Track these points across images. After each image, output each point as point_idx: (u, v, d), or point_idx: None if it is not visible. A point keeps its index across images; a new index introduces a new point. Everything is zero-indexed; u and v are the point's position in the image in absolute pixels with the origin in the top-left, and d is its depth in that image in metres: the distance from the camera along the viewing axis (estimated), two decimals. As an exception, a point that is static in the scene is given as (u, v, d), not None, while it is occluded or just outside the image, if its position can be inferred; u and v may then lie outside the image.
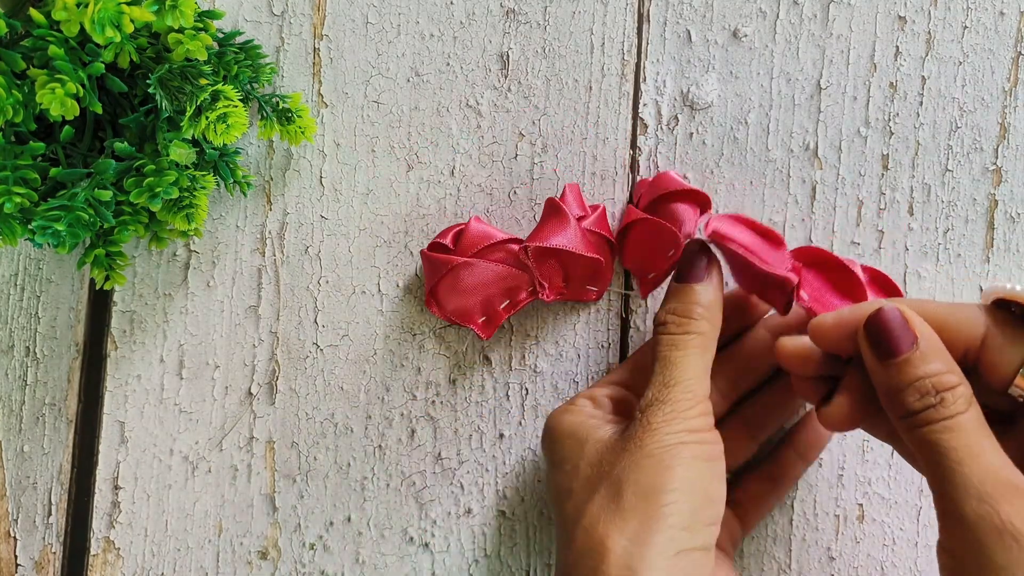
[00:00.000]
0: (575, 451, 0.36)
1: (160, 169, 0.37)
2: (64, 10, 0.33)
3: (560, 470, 0.36)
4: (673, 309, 0.36)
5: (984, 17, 0.42)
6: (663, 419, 0.34)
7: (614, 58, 0.43)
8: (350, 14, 0.44)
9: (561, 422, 0.37)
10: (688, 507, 0.32)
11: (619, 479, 0.33)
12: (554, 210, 0.40)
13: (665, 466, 0.32)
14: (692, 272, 0.37)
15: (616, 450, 0.34)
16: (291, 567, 0.43)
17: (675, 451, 0.33)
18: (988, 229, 0.42)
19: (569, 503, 0.34)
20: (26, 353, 0.44)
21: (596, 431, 0.36)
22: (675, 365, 0.35)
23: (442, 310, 0.41)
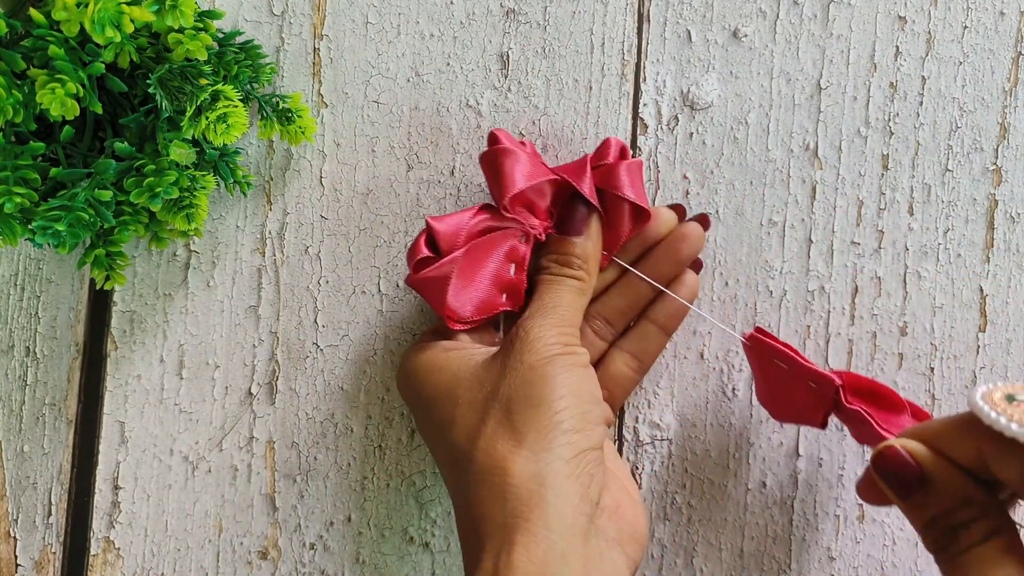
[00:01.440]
0: (448, 381, 0.36)
1: (160, 169, 0.37)
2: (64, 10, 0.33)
3: (435, 404, 0.36)
4: (554, 258, 0.38)
5: (984, 17, 0.42)
6: (539, 332, 0.35)
7: (614, 58, 0.43)
8: (350, 14, 0.44)
9: (422, 359, 0.37)
10: (577, 411, 0.34)
11: (507, 396, 0.34)
12: (500, 155, 0.38)
13: (548, 376, 0.34)
14: (573, 226, 0.38)
15: (494, 370, 0.35)
16: (291, 567, 0.43)
17: (555, 361, 0.34)
18: (988, 229, 0.42)
19: (455, 430, 0.35)
20: (26, 353, 0.44)
21: (467, 360, 0.36)
22: (552, 294, 0.37)
23: (464, 320, 0.39)
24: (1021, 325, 0.42)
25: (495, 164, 0.38)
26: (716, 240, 0.43)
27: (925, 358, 0.42)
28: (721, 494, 0.42)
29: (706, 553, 0.42)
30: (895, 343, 0.42)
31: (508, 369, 0.35)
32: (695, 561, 0.42)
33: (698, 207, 0.43)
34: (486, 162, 0.39)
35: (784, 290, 0.42)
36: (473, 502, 0.33)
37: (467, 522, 0.34)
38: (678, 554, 0.42)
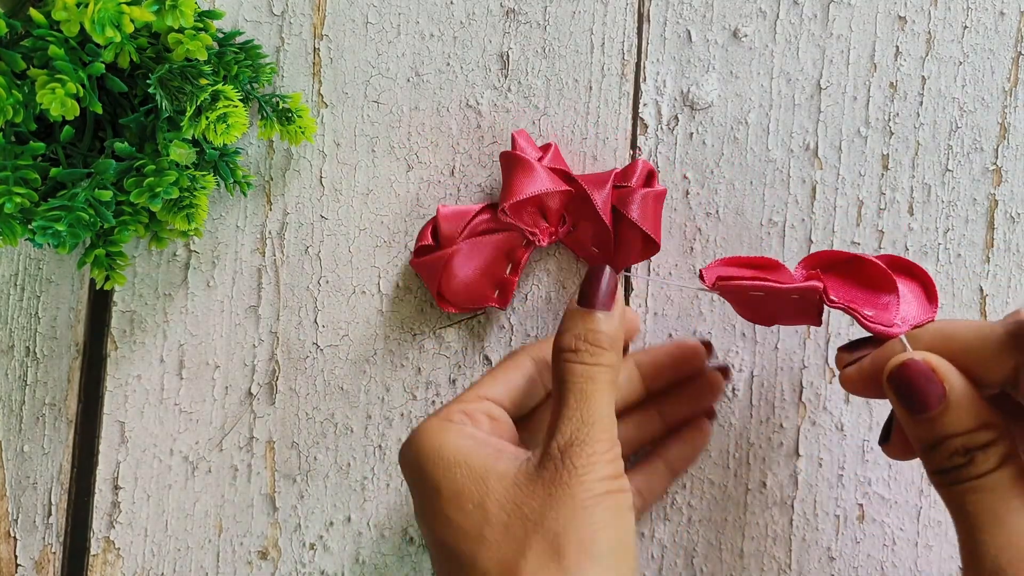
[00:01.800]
0: (474, 484, 0.32)
1: (160, 169, 0.37)
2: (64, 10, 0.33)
3: (456, 507, 0.32)
4: (584, 336, 0.34)
5: (984, 17, 0.42)
6: (586, 463, 0.32)
7: (614, 58, 0.43)
8: (350, 14, 0.44)
9: (445, 444, 0.33)
10: (624, 566, 0.31)
11: (555, 533, 0.31)
12: (513, 161, 0.40)
13: (600, 521, 0.31)
14: (600, 299, 0.34)
15: (537, 494, 0.31)
16: (291, 567, 0.43)
17: (605, 502, 0.31)
18: (988, 229, 0.42)
19: (485, 551, 0.31)
20: (26, 353, 0.44)
21: (495, 463, 0.33)
22: (591, 400, 0.33)
23: (455, 305, 0.41)
24: (1021, 325, 0.42)
25: (505, 168, 0.40)
26: (716, 240, 0.43)
27: (925, 358, 0.42)
28: (721, 494, 0.42)
29: (706, 553, 0.42)
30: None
31: (555, 500, 0.31)
32: (695, 561, 0.42)
33: (698, 207, 0.43)
34: (502, 163, 0.41)
35: (784, 290, 0.42)
36: None
37: None
38: (678, 554, 0.42)
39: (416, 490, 0.34)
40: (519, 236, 0.41)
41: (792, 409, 0.42)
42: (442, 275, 0.40)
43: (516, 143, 0.40)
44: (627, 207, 0.40)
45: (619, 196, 0.40)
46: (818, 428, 0.42)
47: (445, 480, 0.33)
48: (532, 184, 0.39)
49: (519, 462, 0.33)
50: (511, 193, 0.39)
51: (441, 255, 0.40)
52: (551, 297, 0.43)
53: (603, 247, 0.41)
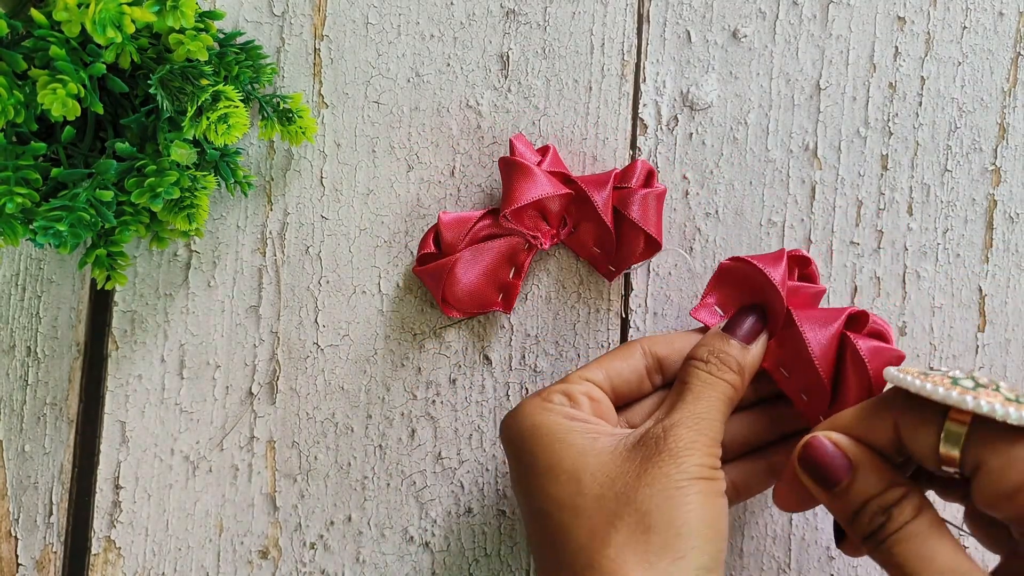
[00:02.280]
0: (571, 459, 0.34)
1: (161, 169, 0.37)
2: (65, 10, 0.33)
3: (552, 479, 0.34)
4: (716, 352, 0.36)
5: (983, 18, 0.43)
6: (687, 446, 0.33)
7: (614, 58, 0.43)
8: (350, 15, 0.44)
9: (543, 422, 0.35)
10: (712, 548, 0.32)
11: (645, 510, 0.32)
12: (512, 167, 0.40)
13: (692, 503, 0.32)
14: (743, 331, 0.37)
15: (631, 470, 0.33)
16: (292, 566, 0.43)
17: (699, 486, 0.32)
18: (987, 229, 0.42)
19: (578, 521, 0.32)
20: (27, 353, 0.44)
21: (594, 440, 0.34)
22: (706, 400, 0.35)
23: (460, 310, 0.42)
24: (1020, 325, 0.42)
25: (505, 174, 0.40)
26: (716, 240, 0.43)
27: (924, 358, 0.42)
28: (721, 494, 0.42)
29: (706, 552, 0.42)
30: (894, 343, 0.42)
31: (649, 477, 0.32)
32: (695, 560, 0.42)
33: (698, 207, 0.43)
34: (501, 169, 0.41)
35: (783, 290, 0.42)
36: None
37: None
38: (678, 553, 0.42)
39: (514, 463, 0.36)
40: (521, 240, 0.41)
41: None
42: (446, 282, 0.41)
43: (514, 148, 0.41)
44: (628, 207, 0.40)
45: (619, 197, 0.40)
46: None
47: (544, 454, 0.34)
48: (532, 189, 0.39)
49: (617, 439, 0.34)
50: (512, 199, 0.39)
51: (444, 263, 0.40)
52: (551, 297, 0.43)
53: (605, 247, 0.41)
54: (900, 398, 0.32)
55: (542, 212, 0.41)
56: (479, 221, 0.41)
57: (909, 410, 0.31)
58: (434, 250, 0.41)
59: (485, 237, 0.41)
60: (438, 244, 0.41)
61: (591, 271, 0.43)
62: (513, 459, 0.36)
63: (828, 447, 0.32)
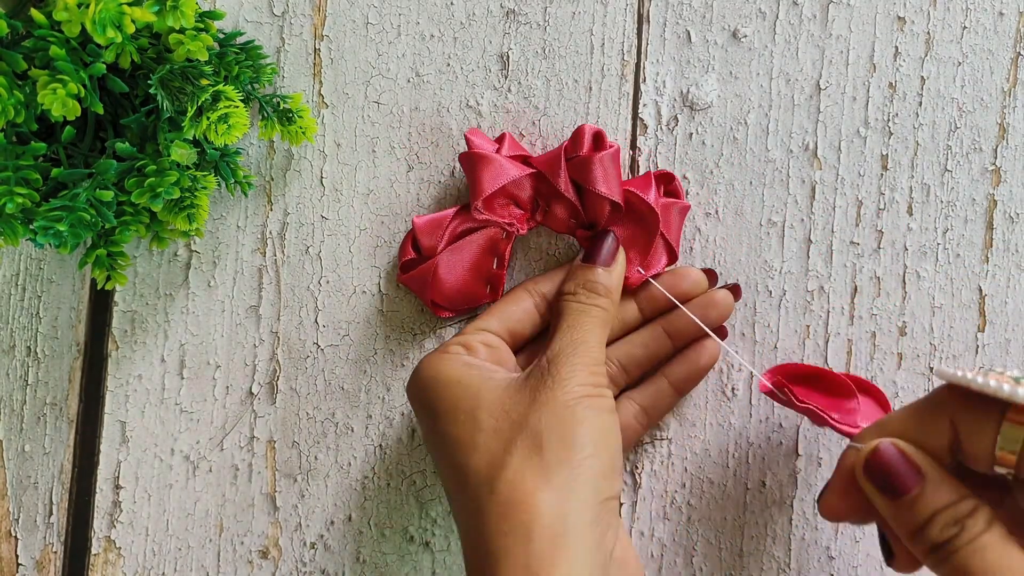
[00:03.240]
0: (468, 400, 0.35)
1: (161, 169, 0.37)
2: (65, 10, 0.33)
3: (451, 420, 0.35)
4: (582, 283, 0.39)
5: (983, 18, 0.43)
6: (570, 371, 0.35)
7: (614, 59, 0.43)
8: (350, 15, 0.44)
9: (441, 370, 0.37)
10: (606, 457, 0.34)
11: (537, 431, 0.33)
12: (473, 159, 0.40)
13: (580, 418, 0.34)
14: (601, 256, 0.39)
15: (523, 400, 0.35)
16: (292, 566, 0.43)
17: (586, 403, 0.34)
18: (987, 229, 0.42)
19: (476, 455, 0.34)
20: (27, 353, 0.44)
21: (487, 380, 0.36)
22: (582, 328, 0.37)
23: (452, 309, 0.42)
24: (1020, 325, 0.42)
25: (467, 169, 0.41)
26: (716, 240, 0.43)
27: (924, 358, 0.42)
28: (721, 494, 0.42)
29: (706, 553, 0.42)
30: (894, 343, 0.42)
31: (539, 403, 0.34)
32: (695, 560, 0.42)
33: (698, 207, 0.43)
34: (463, 164, 0.41)
35: (783, 290, 0.43)
36: (491, 534, 0.32)
37: (479, 552, 0.33)
38: (678, 554, 0.42)
39: (420, 417, 0.38)
40: (498, 230, 0.41)
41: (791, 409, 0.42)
42: (431, 285, 0.41)
43: (471, 142, 0.41)
44: (588, 176, 0.39)
45: (573, 167, 0.40)
46: (817, 427, 0.42)
47: (442, 400, 0.36)
48: (498, 176, 0.39)
49: (510, 378, 0.36)
50: (480, 190, 0.39)
51: (426, 266, 0.41)
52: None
53: (579, 220, 0.41)
54: (955, 398, 0.31)
55: (512, 199, 0.41)
56: (453, 219, 0.41)
57: (965, 410, 0.30)
58: (414, 255, 0.42)
59: (462, 233, 0.41)
60: (417, 249, 0.42)
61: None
62: (418, 413, 0.38)
63: (897, 455, 0.31)
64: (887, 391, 0.42)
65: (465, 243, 0.41)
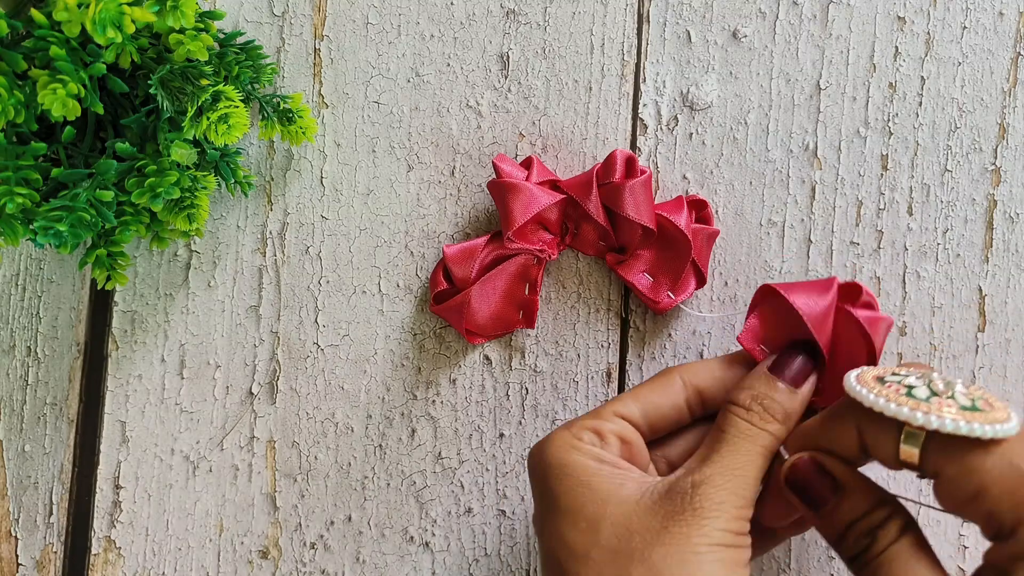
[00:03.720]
0: (593, 506, 0.32)
1: (161, 169, 0.37)
2: (65, 11, 0.33)
3: (571, 523, 0.32)
4: (760, 398, 0.34)
5: (983, 18, 0.43)
6: (714, 507, 0.31)
7: (614, 59, 0.43)
8: (351, 15, 0.44)
9: (569, 461, 0.33)
10: None
11: (657, 571, 0.30)
12: (503, 189, 0.40)
13: (708, 572, 0.30)
14: (789, 374, 0.34)
15: (652, 526, 0.31)
16: (292, 566, 0.43)
17: (719, 554, 0.30)
18: (987, 229, 0.42)
19: (586, 569, 0.31)
20: (27, 353, 0.44)
21: (620, 487, 0.32)
22: (742, 455, 0.33)
23: (485, 336, 0.42)
24: (1020, 325, 0.42)
25: (498, 197, 0.40)
26: (716, 240, 0.43)
27: (924, 358, 0.42)
28: (721, 493, 0.42)
29: (706, 552, 0.42)
30: (894, 343, 0.42)
31: (667, 536, 0.30)
32: (695, 560, 0.42)
33: (698, 207, 0.43)
34: (492, 192, 0.41)
35: (783, 290, 0.42)
36: None
37: None
38: (678, 553, 0.42)
39: (537, 499, 0.34)
40: (530, 257, 0.41)
41: None
42: (466, 315, 0.41)
43: (499, 170, 0.41)
44: (616, 203, 0.39)
45: (606, 193, 0.40)
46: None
47: (566, 496, 0.32)
48: (529, 205, 0.39)
49: (644, 487, 0.32)
50: (512, 220, 0.39)
51: (460, 300, 0.41)
52: (551, 297, 0.43)
53: (608, 241, 0.41)
54: (858, 406, 0.31)
55: (542, 224, 0.41)
56: (484, 248, 0.41)
57: (868, 416, 0.31)
58: (446, 285, 0.42)
59: (493, 262, 0.41)
60: (448, 277, 0.42)
61: (591, 271, 0.43)
62: (536, 494, 0.34)
63: (813, 468, 0.32)
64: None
65: (497, 272, 0.41)
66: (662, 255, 0.41)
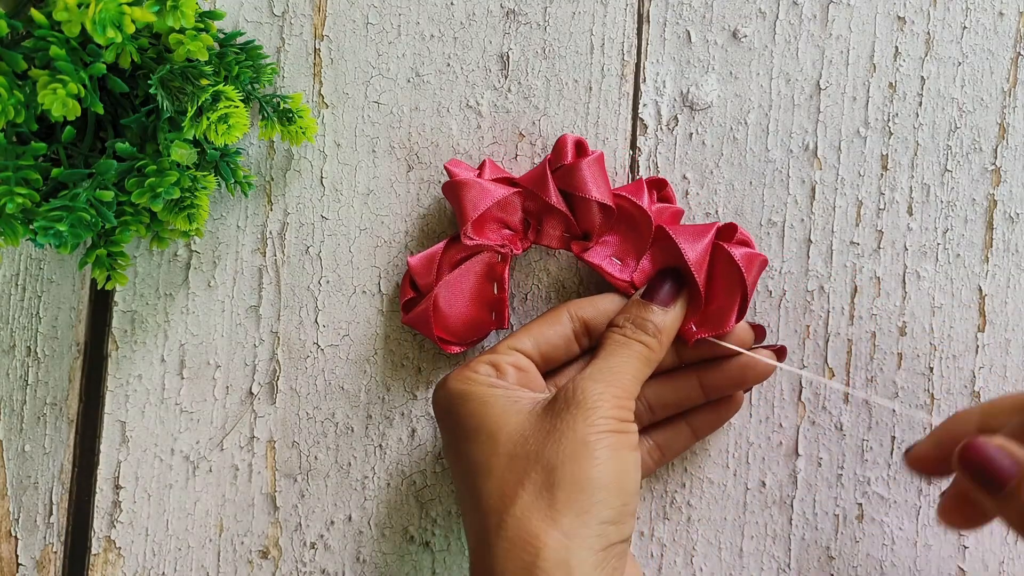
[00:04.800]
0: (491, 421, 0.35)
1: (161, 169, 0.37)
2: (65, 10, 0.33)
3: (472, 440, 0.35)
4: (632, 318, 0.37)
5: (983, 18, 0.43)
6: (596, 398, 0.34)
7: (614, 59, 0.43)
8: (351, 15, 0.44)
9: (468, 390, 0.36)
10: (618, 502, 0.33)
11: (552, 466, 0.33)
12: (456, 187, 0.40)
13: (597, 457, 0.33)
14: (659, 295, 0.38)
15: (542, 427, 0.34)
16: (292, 566, 0.43)
17: (606, 440, 0.33)
18: (987, 229, 0.42)
19: (490, 482, 0.33)
20: (27, 353, 0.44)
21: (514, 403, 0.35)
22: (617, 357, 0.36)
23: (460, 343, 0.42)
24: (1020, 325, 0.42)
25: (451, 198, 0.40)
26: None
27: (924, 358, 0.42)
28: (721, 493, 0.42)
29: (706, 552, 0.42)
30: (894, 343, 0.42)
31: (557, 433, 0.33)
32: (695, 560, 0.42)
33: (698, 207, 0.43)
34: (447, 195, 0.41)
35: (783, 290, 0.43)
36: (495, 570, 0.32)
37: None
38: (678, 553, 0.42)
39: (443, 431, 0.37)
40: (493, 254, 0.41)
41: (791, 408, 0.42)
42: (434, 320, 0.40)
43: (452, 172, 0.40)
44: (577, 183, 0.39)
45: (560, 177, 0.40)
46: (817, 428, 0.42)
47: (467, 419, 0.35)
48: (481, 198, 0.39)
49: (536, 401, 0.35)
50: (466, 216, 0.39)
51: (425, 303, 0.40)
52: (551, 297, 0.43)
53: (572, 231, 0.41)
54: None
55: (502, 223, 0.41)
56: (446, 251, 0.41)
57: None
58: (414, 294, 0.41)
59: (456, 264, 0.41)
60: (416, 289, 0.41)
61: (591, 272, 0.43)
62: (441, 427, 0.37)
63: (991, 448, 0.31)
64: (887, 391, 0.42)
65: (460, 272, 0.40)
66: (623, 236, 0.41)
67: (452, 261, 0.41)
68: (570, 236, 0.41)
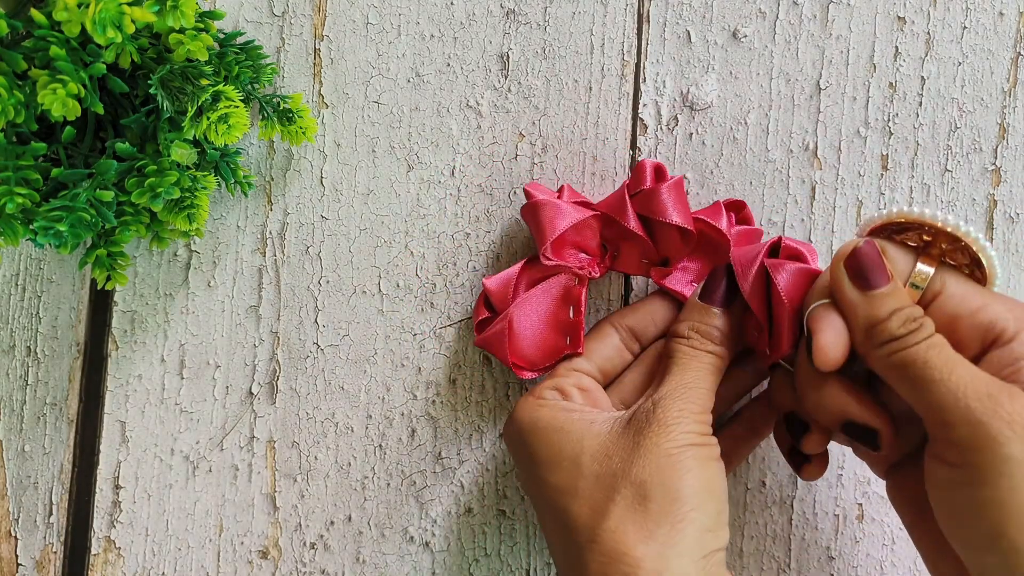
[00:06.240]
0: (570, 446, 0.35)
1: (161, 169, 0.37)
2: (65, 10, 0.33)
3: (554, 467, 0.35)
4: (695, 327, 0.37)
5: (983, 18, 0.43)
6: (676, 416, 0.34)
7: (614, 59, 0.43)
8: (351, 15, 0.44)
9: (540, 417, 0.36)
10: (712, 509, 0.33)
11: (641, 481, 0.33)
12: (536, 208, 0.39)
13: (686, 468, 0.33)
14: (718, 296, 0.38)
15: (625, 446, 0.34)
16: (292, 566, 0.43)
17: (691, 452, 0.33)
18: (987, 229, 0.42)
19: (578, 502, 0.33)
20: (27, 353, 0.44)
21: (589, 425, 0.35)
22: (691, 372, 0.36)
23: (534, 366, 0.40)
24: (1020, 325, 0.42)
25: (530, 219, 0.40)
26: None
27: (924, 358, 0.42)
28: (721, 494, 0.42)
29: (706, 552, 0.42)
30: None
31: (642, 449, 0.33)
32: (695, 560, 0.42)
33: (697, 207, 0.43)
34: (525, 217, 0.41)
35: (783, 290, 0.42)
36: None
37: None
38: (678, 553, 0.42)
39: (519, 463, 0.37)
40: (570, 276, 0.40)
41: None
42: (509, 341, 0.39)
43: (531, 194, 0.40)
44: (656, 208, 0.39)
45: (639, 202, 0.39)
46: (817, 428, 0.42)
47: (544, 448, 0.35)
48: (562, 219, 0.39)
49: (612, 420, 0.35)
50: (546, 235, 0.39)
51: (501, 323, 0.39)
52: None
53: (651, 257, 0.41)
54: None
55: (580, 247, 0.40)
56: (522, 272, 0.40)
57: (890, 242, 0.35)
58: (488, 314, 0.40)
59: (533, 282, 0.40)
60: (491, 308, 0.41)
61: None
62: (517, 458, 0.37)
63: (874, 252, 0.33)
64: (887, 391, 0.42)
65: (537, 292, 0.40)
66: (707, 261, 0.40)
67: (529, 283, 0.40)
68: (648, 262, 0.41)
